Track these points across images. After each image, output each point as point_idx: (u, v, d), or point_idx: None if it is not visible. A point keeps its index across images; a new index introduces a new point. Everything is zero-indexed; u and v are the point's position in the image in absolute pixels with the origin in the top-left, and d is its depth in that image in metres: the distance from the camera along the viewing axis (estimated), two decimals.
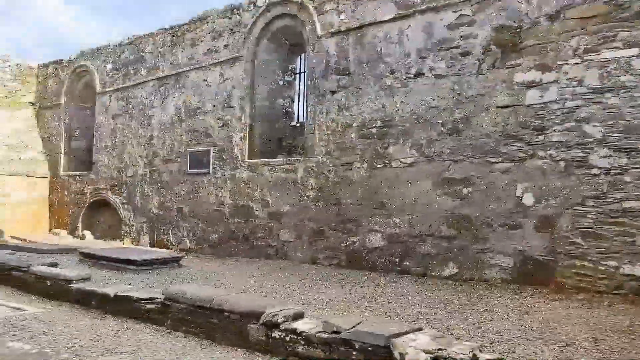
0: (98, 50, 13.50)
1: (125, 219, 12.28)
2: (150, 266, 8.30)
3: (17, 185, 14.07)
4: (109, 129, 12.99)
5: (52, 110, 14.80)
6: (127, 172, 12.36)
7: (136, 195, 12.08)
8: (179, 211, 11.07)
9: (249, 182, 9.78)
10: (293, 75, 10.41)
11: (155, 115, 11.80)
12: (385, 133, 7.98)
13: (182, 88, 11.23)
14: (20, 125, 14.91)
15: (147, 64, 12.09)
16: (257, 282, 7.30)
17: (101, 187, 13.03)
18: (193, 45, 11.06)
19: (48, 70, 15.11)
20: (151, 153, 11.82)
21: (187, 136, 11.05)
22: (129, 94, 12.50)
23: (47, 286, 7.36)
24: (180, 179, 11.11)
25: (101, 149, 13.16)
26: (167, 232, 11.30)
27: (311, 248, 8.77)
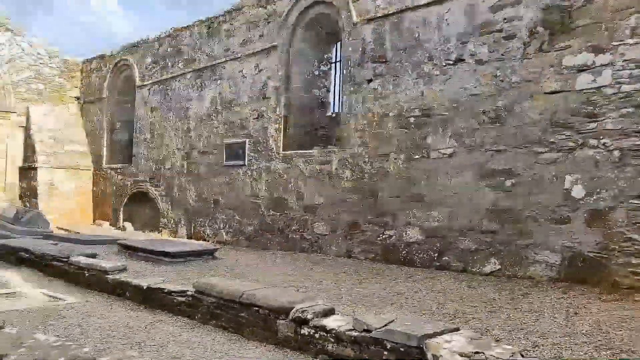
0: (138, 44, 13.66)
1: (164, 211, 12.41)
2: (185, 258, 8.29)
3: (63, 177, 14.47)
4: (148, 121, 13.15)
5: (95, 104, 15.13)
6: (166, 164, 12.48)
7: (174, 187, 12.17)
8: (216, 203, 11.07)
9: (284, 174, 9.64)
10: (329, 64, 10.19)
11: (192, 108, 11.83)
12: (424, 122, 7.64)
13: (218, 80, 11.19)
14: (66, 119, 15.32)
15: (184, 56, 12.12)
16: (290, 276, 7.14)
17: (141, 180, 13.22)
18: (229, 36, 10.99)
19: (92, 65, 15.45)
20: (188, 145, 11.87)
21: (223, 128, 11.01)
22: (167, 87, 12.58)
23: (85, 276, 7.46)
24: (216, 171, 11.10)
25: (140, 142, 13.34)
26: (203, 224, 11.33)
27: (346, 241, 8.55)
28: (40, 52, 15.05)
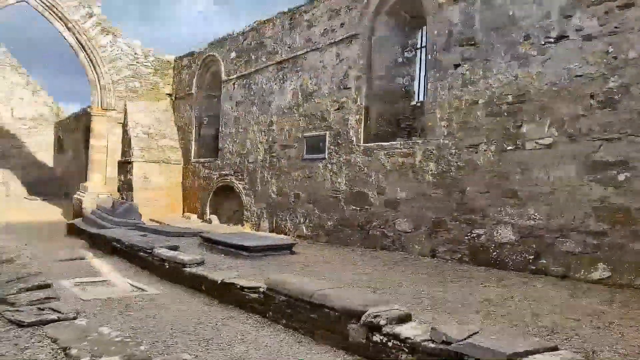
0: (224, 40, 13.87)
1: (247, 205, 12.49)
2: (262, 253, 8.16)
3: (155, 171, 15.13)
4: (232, 116, 13.31)
5: (185, 100, 15.65)
6: (249, 158, 12.54)
7: (257, 181, 12.20)
8: (296, 197, 10.91)
9: (364, 168, 9.21)
10: (413, 50, 9.58)
11: (274, 101, 11.76)
12: (518, 109, 6.84)
13: (299, 71, 11.00)
14: (159, 115, 16.01)
15: (267, 49, 12.07)
16: (367, 275, 6.73)
17: (226, 173, 13.42)
18: (310, 26, 10.73)
19: (182, 62, 15.98)
20: (270, 139, 11.82)
21: (303, 121, 10.80)
22: (250, 81, 12.63)
23: (166, 268, 7.58)
24: (297, 164, 10.93)
25: (226, 136, 13.55)
26: (285, 218, 11.22)
27: (430, 240, 7.95)
28: (137, 52, 15.82)
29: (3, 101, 23.75)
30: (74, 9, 14.55)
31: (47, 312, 4.37)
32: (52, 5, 14.28)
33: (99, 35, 15.02)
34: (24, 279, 5.53)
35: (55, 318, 4.26)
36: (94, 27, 14.91)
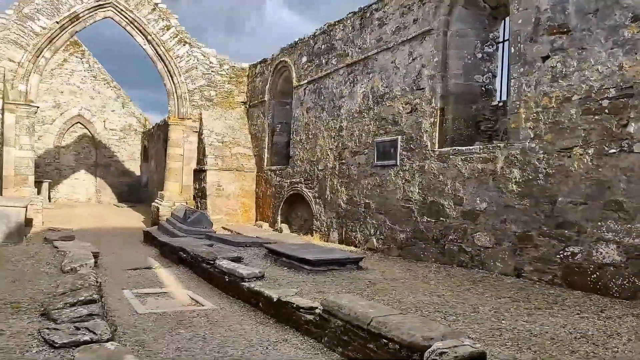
0: (295, 44, 13.58)
1: (317, 214, 12.02)
2: (326, 267, 7.60)
3: (229, 179, 15.13)
4: (303, 122, 12.94)
5: (258, 107, 15.55)
6: (319, 165, 12.08)
7: (326, 189, 11.70)
8: (366, 207, 10.25)
9: (439, 175, 8.37)
10: (494, 44, 8.61)
11: (344, 105, 11.22)
12: (623, 105, 5.75)
13: (370, 73, 10.37)
14: (233, 123, 16.06)
15: (337, 51, 11.57)
16: (440, 297, 5.93)
17: (296, 181, 13.06)
18: (381, 25, 10.09)
19: (256, 69, 15.93)
20: (340, 145, 11.28)
21: (374, 125, 10.15)
22: (321, 85, 12.19)
23: (226, 281, 7.26)
24: (367, 171, 10.28)
25: (296, 143, 13.20)
26: (354, 229, 10.60)
27: (514, 257, 6.97)
28: (212, 61, 16.00)
29: (97, 114, 25.27)
30: (153, 22, 14.96)
31: (82, 332, 4.08)
32: (133, 20, 14.77)
33: (176, 46, 15.34)
34: (75, 291, 5.36)
35: (88, 340, 3.96)
36: (171, 39, 15.25)
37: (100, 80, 25.42)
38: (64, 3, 13.78)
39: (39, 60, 13.80)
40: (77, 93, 24.77)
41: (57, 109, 24.38)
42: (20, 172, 13.55)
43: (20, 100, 13.48)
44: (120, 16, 14.72)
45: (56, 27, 13.74)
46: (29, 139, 13.70)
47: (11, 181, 13.35)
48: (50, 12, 13.65)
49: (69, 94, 24.61)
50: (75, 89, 24.75)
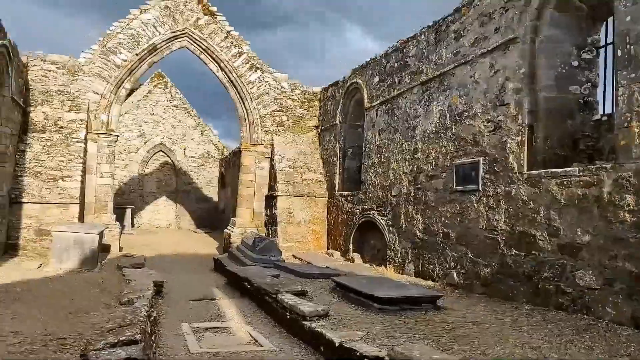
0: (367, 65, 13.00)
1: (390, 243, 11.14)
2: (399, 306, 6.73)
3: (300, 205, 14.66)
4: (375, 145, 12.22)
5: (330, 131, 15.07)
6: (392, 191, 11.25)
7: (400, 216, 10.82)
8: (445, 237, 9.25)
9: (530, 202, 7.27)
10: (594, 50, 7.45)
11: (418, 125, 10.38)
12: None
13: (446, 90, 9.50)
14: (304, 148, 15.68)
15: (411, 69, 10.82)
16: (534, 350, 4.89)
17: (368, 208, 12.30)
18: (458, 37, 9.24)
19: (327, 93, 15.52)
20: (415, 169, 10.41)
21: (452, 146, 9.21)
22: (393, 105, 11.45)
23: (287, 318, 6.63)
24: (445, 197, 9.32)
25: (368, 167, 12.48)
26: (432, 261, 9.61)
27: (630, 302, 5.72)
28: (284, 86, 15.81)
29: (177, 142, 26.13)
30: (225, 49, 15.07)
31: None
32: (207, 48, 14.96)
33: (248, 72, 15.32)
34: (121, 329, 4.95)
35: None
36: (243, 65, 15.26)
37: (181, 110, 26.35)
38: (143, 36, 14.22)
39: (120, 91, 14.27)
40: (159, 122, 25.81)
41: (142, 138, 25.48)
42: (100, 199, 13.93)
43: (101, 129, 13.95)
44: (195, 45, 14.97)
45: (135, 59, 14.18)
46: (109, 167, 14.10)
47: (92, 208, 13.73)
48: (130, 45, 14.12)
49: (152, 124, 25.68)
50: (158, 118, 25.80)
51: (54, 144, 12.77)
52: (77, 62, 13.66)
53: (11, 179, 11.84)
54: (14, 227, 11.82)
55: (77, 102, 13.52)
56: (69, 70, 13.58)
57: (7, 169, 11.42)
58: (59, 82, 13.44)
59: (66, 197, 12.21)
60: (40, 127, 12.91)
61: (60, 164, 12.54)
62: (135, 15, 14.20)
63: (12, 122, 11.72)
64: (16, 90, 11.82)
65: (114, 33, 14.00)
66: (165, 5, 14.44)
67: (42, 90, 13.25)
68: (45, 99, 13.23)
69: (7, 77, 11.14)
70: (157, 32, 14.34)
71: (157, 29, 14.34)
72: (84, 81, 13.68)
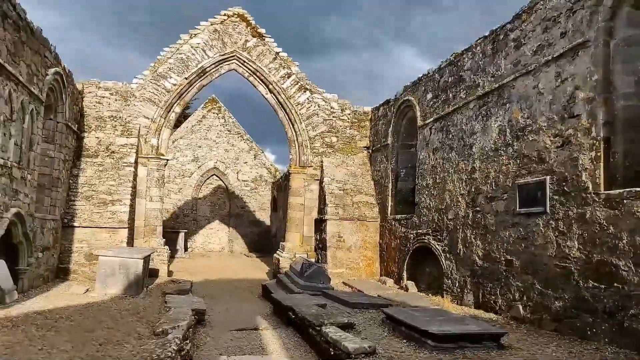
0: (419, 81, 12.36)
1: (447, 271, 10.28)
2: (455, 344, 5.95)
3: (350, 229, 14.04)
4: (429, 165, 11.48)
5: (381, 152, 14.45)
6: (448, 214, 10.44)
7: (457, 241, 9.97)
8: (508, 264, 8.35)
9: (609, 226, 6.33)
10: None
11: (476, 143, 9.59)
12: None
13: (506, 104, 8.71)
14: (355, 170, 15.12)
15: (466, 83, 10.09)
16: None
17: (423, 232, 11.50)
18: (518, 46, 8.47)
19: (379, 112, 14.97)
20: (473, 189, 9.58)
21: (514, 164, 8.37)
22: (448, 122, 10.72)
23: (331, 354, 6.01)
24: (507, 221, 8.44)
25: (422, 189, 11.73)
26: (493, 292, 8.69)
27: None
28: (333, 106, 15.41)
29: (231, 166, 26.28)
30: (274, 70, 14.90)
31: None
32: (255, 70, 14.85)
33: (296, 93, 15.05)
34: None
35: None
36: (292, 86, 15.01)
37: (234, 134, 26.55)
38: (192, 60, 14.29)
39: (170, 115, 14.34)
40: (213, 147, 26.08)
41: (196, 163, 25.81)
42: (150, 222, 13.90)
43: (151, 153, 14.01)
44: (244, 68, 14.89)
45: (185, 83, 14.24)
46: (158, 190, 14.10)
47: (141, 232, 13.72)
48: (180, 69, 14.22)
49: (206, 148, 25.99)
50: (211, 143, 26.10)
51: (105, 169, 12.90)
52: (129, 88, 13.87)
53: (64, 204, 11.99)
54: (66, 251, 11.92)
55: (129, 127, 13.67)
56: (122, 96, 13.79)
57: (60, 193, 11.57)
58: (112, 107, 13.67)
59: (115, 221, 12.21)
60: (93, 152, 13.10)
61: (110, 188, 12.62)
62: (185, 40, 14.32)
63: (66, 147, 11.93)
64: (70, 117, 12.05)
65: (165, 58, 14.15)
66: (215, 29, 14.48)
67: (96, 116, 13.50)
68: (99, 125, 13.46)
69: (62, 103, 11.36)
70: (206, 55, 14.37)
71: (206, 53, 14.38)
72: (135, 106, 13.85)
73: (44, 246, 10.59)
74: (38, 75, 9.61)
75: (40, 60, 9.64)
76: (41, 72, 9.78)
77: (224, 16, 14.60)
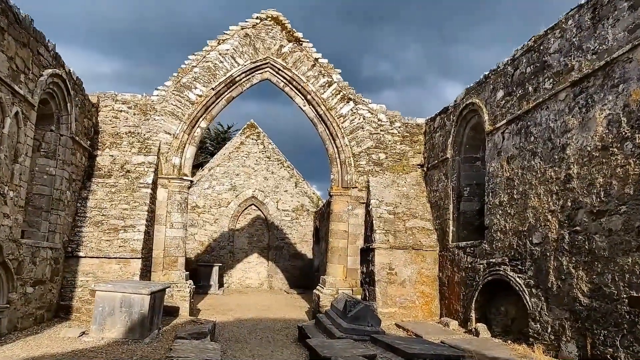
0: (485, 79, 10.21)
1: (534, 311, 7.82)
2: None
3: (403, 260, 11.75)
4: (503, 178, 9.19)
5: (438, 169, 12.24)
6: (532, 237, 8.06)
7: (548, 272, 7.55)
8: (635, 303, 5.90)
9: None
10: None
11: (571, 143, 7.30)
12: None
13: (617, 85, 6.45)
14: (407, 190, 12.93)
15: (553, 69, 7.88)
16: None
17: (496, 262, 9.09)
18: (635, 5, 6.27)
19: (434, 123, 12.84)
20: (569, 203, 7.23)
21: (636, 164, 6.03)
22: (528, 122, 8.48)
23: None
24: (628, 242, 6.04)
25: (494, 208, 9.40)
26: (610, 341, 6.21)
27: None
28: (381, 119, 13.42)
29: (270, 194, 24.52)
30: (313, 79, 13.13)
31: None
32: (292, 79, 13.13)
33: (338, 104, 13.18)
34: None
35: None
36: (333, 96, 13.16)
37: (274, 161, 24.91)
38: (220, 68, 12.74)
39: (195, 131, 12.74)
40: (251, 175, 24.47)
41: (233, 191, 24.22)
42: (170, 253, 12.12)
43: (173, 174, 12.36)
44: (278, 77, 13.20)
45: (212, 94, 12.66)
46: (180, 216, 12.36)
47: (159, 263, 11.94)
48: (206, 79, 12.68)
49: (244, 176, 24.42)
50: (250, 170, 24.52)
51: (118, 190, 11.29)
52: (149, 101, 12.39)
53: (68, 230, 10.38)
54: (69, 286, 10.21)
55: (147, 144, 12.11)
56: (141, 110, 12.32)
57: (62, 217, 9.96)
58: (129, 122, 12.19)
59: (127, 250, 10.47)
60: (106, 172, 11.56)
61: (123, 212, 10.95)
62: (213, 46, 12.82)
63: (73, 165, 10.40)
64: (79, 131, 10.58)
65: (189, 67, 12.66)
66: (245, 34, 12.93)
67: (112, 132, 12.04)
68: (114, 142, 11.97)
69: (66, 114, 9.90)
70: (236, 63, 12.78)
71: (236, 60, 12.80)
72: (155, 120, 12.33)
73: (35, 279, 8.90)
74: (27, 73, 8.12)
75: (30, 55, 8.17)
76: (32, 71, 8.30)
77: (256, 19, 13.05)
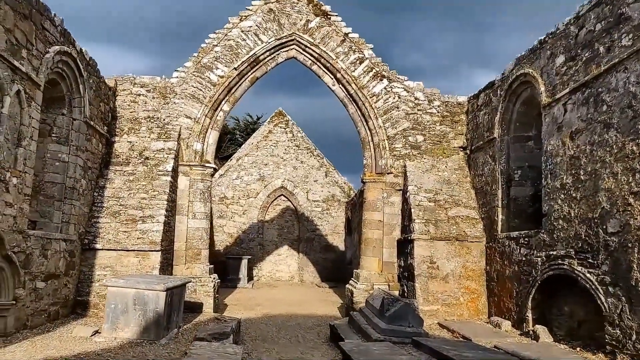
0: (540, 45, 8.93)
1: (611, 314, 6.60)
2: None
3: (445, 252, 10.60)
4: (565, 157, 7.94)
5: (484, 150, 11.01)
6: (607, 225, 6.82)
7: (631, 268, 6.31)
8: None
9: None
10: None
11: None
12: None
13: None
14: (448, 176, 11.74)
15: (633, 21, 6.59)
16: None
17: (558, 254, 7.86)
18: None
19: (478, 101, 11.59)
20: None
21: None
22: (598, 89, 7.20)
23: None
24: None
25: (554, 192, 8.16)
26: None
27: None
28: (418, 97, 12.24)
29: (299, 184, 23.61)
30: (342, 55, 12.04)
31: None
32: (319, 56, 12.08)
33: (371, 82, 12.07)
34: None
35: None
36: (365, 74, 12.05)
37: (303, 150, 23.96)
38: (243, 47, 11.79)
39: (217, 114, 11.86)
40: (280, 164, 23.59)
41: (261, 182, 23.41)
42: (192, 245, 11.31)
43: (194, 160, 11.53)
44: (305, 54, 12.17)
45: (234, 74, 11.74)
46: (203, 206, 11.52)
47: (181, 256, 11.15)
48: (228, 58, 11.76)
49: (272, 166, 23.56)
50: (278, 160, 23.64)
51: (136, 178, 10.51)
52: (168, 83, 11.56)
53: (84, 220, 9.67)
54: (86, 280, 9.53)
55: (167, 129, 11.29)
56: (160, 93, 11.49)
57: (77, 207, 9.24)
58: (148, 107, 11.39)
59: (145, 242, 9.69)
60: (124, 159, 10.79)
61: (142, 202, 10.18)
62: (235, 23, 11.87)
63: (88, 151, 9.67)
64: (94, 115, 9.83)
65: (210, 46, 11.76)
66: (269, 9, 11.93)
67: (130, 117, 11.27)
68: (133, 127, 11.20)
69: (78, 96, 9.15)
70: (260, 40, 11.81)
71: (260, 37, 11.82)
72: (175, 104, 11.49)
73: (47, 273, 8.20)
74: (30, 49, 7.34)
75: (32, 29, 7.38)
76: (36, 47, 7.52)
77: None
